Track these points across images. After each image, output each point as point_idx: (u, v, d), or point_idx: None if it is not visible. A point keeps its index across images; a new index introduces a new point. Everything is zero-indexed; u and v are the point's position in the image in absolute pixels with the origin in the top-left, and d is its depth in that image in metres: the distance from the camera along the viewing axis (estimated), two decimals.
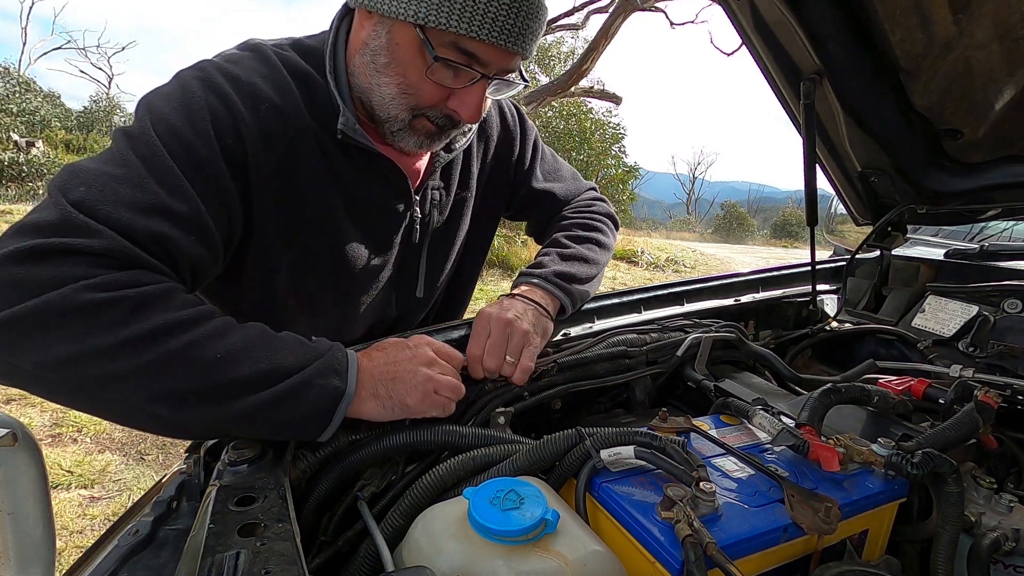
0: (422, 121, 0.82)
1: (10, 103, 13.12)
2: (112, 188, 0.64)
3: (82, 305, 0.56)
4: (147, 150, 0.67)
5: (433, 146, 0.88)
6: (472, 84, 0.78)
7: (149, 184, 0.65)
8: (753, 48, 1.14)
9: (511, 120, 1.12)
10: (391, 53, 0.77)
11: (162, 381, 0.58)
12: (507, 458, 0.68)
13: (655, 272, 10.04)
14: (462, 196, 1.06)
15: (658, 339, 1.01)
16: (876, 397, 0.82)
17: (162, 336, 0.58)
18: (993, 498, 0.72)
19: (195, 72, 0.75)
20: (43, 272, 0.57)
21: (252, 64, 0.79)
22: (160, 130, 0.69)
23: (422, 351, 0.75)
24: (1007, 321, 1.09)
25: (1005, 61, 0.94)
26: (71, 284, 0.56)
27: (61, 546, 2.12)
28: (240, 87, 0.75)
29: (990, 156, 1.17)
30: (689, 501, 0.57)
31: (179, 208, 0.67)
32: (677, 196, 47.49)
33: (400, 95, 0.79)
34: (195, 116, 0.71)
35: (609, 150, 12.49)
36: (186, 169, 0.68)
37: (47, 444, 2.82)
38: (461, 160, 1.03)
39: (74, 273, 0.57)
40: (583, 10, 10.11)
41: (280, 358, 0.64)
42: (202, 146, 0.70)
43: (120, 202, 0.63)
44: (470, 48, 0.74)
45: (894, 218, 1.34)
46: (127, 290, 0.59)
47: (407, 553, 0.58)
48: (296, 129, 0.80)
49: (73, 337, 0.56)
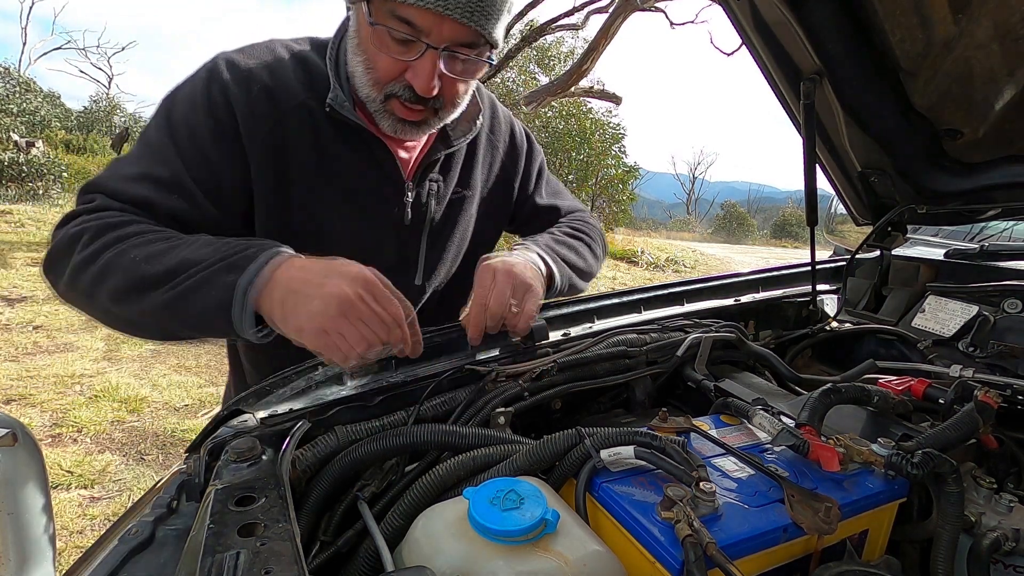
0: (393, 103, 0.87)
1: (10, 103, 13.12)
2: (116, 167, 0.85)
3: (68, 239, 0.77)
4: (154, 132, 0.86)
5: (413, 133, 0.91)
6: (420, 56, 0.81)
7: (144, 160, 0.84)
8: (753, 48, 1.14)
9: (519, 139, 1.18)
10: (358, 34, 0.85)
11: (107, 282, 0.73)
12: (507, 458, 0.68)
13: (655, 272, 10.05)
14: (462, 194, 1.09)
15: (658, 339, 1.01)
16: (876, 397, 0.82)
17: (107, 247, 0.74)
18: (993, 498, 0.72)
19: (207, 63, 0.90)
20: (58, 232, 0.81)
21: (256, 52, 0.91)
22: (171, 113, 0.86)
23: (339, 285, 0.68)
24: (1007, 321, 1.09)
25: (1005, 61, 0.94)
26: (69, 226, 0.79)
27: (61, 546, 2.12)
28: (236, 72, 0.87)
29: (990, 156, 1.17)
30: (689, 501, 0.57)
31: (162, 174, 0.83)
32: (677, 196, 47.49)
33: (365, 71, 0.86)
34: (197, 99, 0.85)
35: (609, 150, 12.49)
36: (180, 141, 0.84)
37: (47, 444, 2.82)
38: (463, 161, 1.07)
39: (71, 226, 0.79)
40: (583, 10, 10.10)
41: (192, 253, 0.72)
42: (197, 122, 0.84)
43: (118, 176, 0.83)
44: (405, 15, 0.77)
45: (894, 218, 1.34)
46: (93, 221, 0.77)
47: (407, 553, 0.58)
48: (287, 107, 0.89)
49: (66, 263, 0.77)
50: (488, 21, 0.80)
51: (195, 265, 0.70)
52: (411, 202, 1.00)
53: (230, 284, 0.69)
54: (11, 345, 3.97)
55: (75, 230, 0.77)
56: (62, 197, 9.81)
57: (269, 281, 0.70)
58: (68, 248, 0.76)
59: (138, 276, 0.71)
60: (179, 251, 0.73)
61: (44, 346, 4.04)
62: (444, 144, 1.01)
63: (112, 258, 0.73)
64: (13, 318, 4.48)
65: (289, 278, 0.70)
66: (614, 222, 12.85)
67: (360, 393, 0.79)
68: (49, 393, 3.34)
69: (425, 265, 1.08)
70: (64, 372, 3.63)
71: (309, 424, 0.73)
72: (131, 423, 3.12)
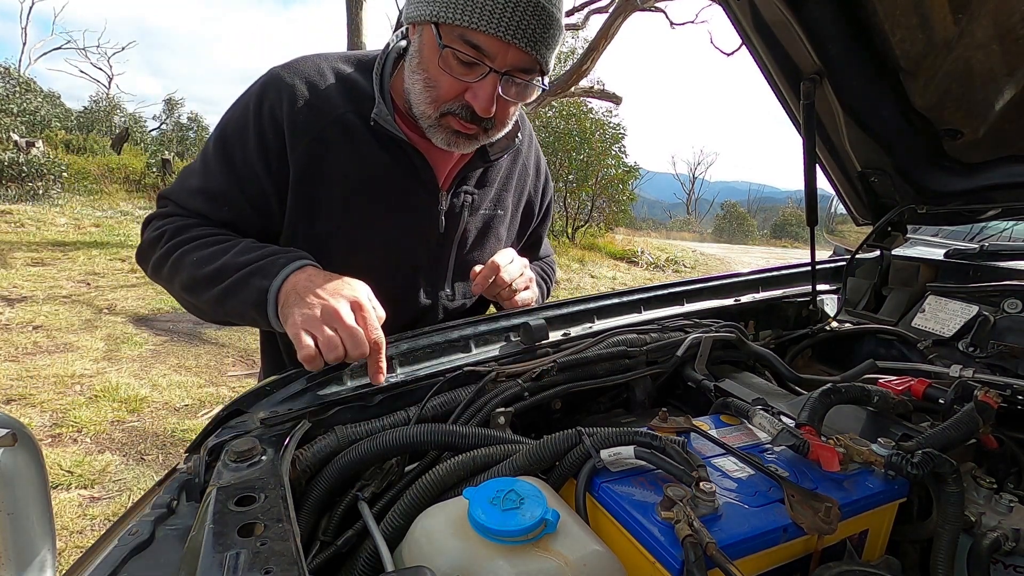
0: (449, 119, 0.91)
1: (10, 103, 13.12)
2: (183, 178, 1.01)
3: (150, 240, 0.98)
4: (210, 148, 0.98)
5: (464, 146, 0.96)
6: (483, 78, 0.86)
7: (199, 174, 0.98)
8: (753, 48, 1.14)
9: (543, 171, 1.27)
10: (420, 54, 0.90)
11: (178, 277, 0.92)
12: (507, 458, 0.68)
13: (655, 272, 10.05)
14: (494, 212, 1.15)
15: (658, 339, 1.01)
16: (876, 397, 0.82)
17: (175, 248, 0.93)
18: (993, 498, 0.72)
19: (261, 79, 0.99)
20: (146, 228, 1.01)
21: (302, 69, 0.98)
22: (223, 129, 0.97)
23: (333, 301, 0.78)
24: (1007, 321, 1.09)
25: (1005, 61, 0.94)
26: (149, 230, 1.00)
27: (61, 546, 2.12)
28: (284, 89, 0.95)
29: (990, 156, 1.17)
30: (689, 501, 0.57)
31: (213, 187, 0.96)
32: (677, 196, 47.48)
33: (425, 89, 0.90)
34: (248, 119, 0.95)
35: (609, 150, 12.47)
36: (231, 153, 0.96)
37: (47, 444, 2.82)
38: (498, 180, 1.13)
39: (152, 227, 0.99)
40: (583, 10, 10.10)
41: (233, 259, 0.87)
42: (246, 135, 0.95)
43: (182, 188, 1.00)
44: (474, 40, 0.83)
45: (894, 218, 1.34)
46: (167, 226, 0.97)
47: (407, 553, 0.58)
48: (327, 119, 0.96)
49: (151, 256, 0.97)
50: (547, 50, 0.87)
51: (234, 269, 0.86)
52: (444, 210, 1.06)
53: (262, 288, 0.83)
54: (11, 345, 3.97)
55: (156, 233, 0.96)
56: (62, 197, 9.81)
57: (284, 284, 0.83)
58: (152, 246, 0.96)
59: (196, 275, 0.89)
60: (224, 256, 0.88)
61: (44, 346, 4.04)
62: (482, 159, 1.06)
63: (178, 257, 0.91)
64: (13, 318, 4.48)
65: (296, 283, 0.83)
66: (614, 222, 12.84)
67: (360, 393, 0.80)
68: (49, 393, 3.34)
69: (454, 274, 1.12)
70: (64, 372, 3.63)
71: (309, 424, 0.73)
72: (131, 423, 3.12)
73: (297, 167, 0.95)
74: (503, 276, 1.01)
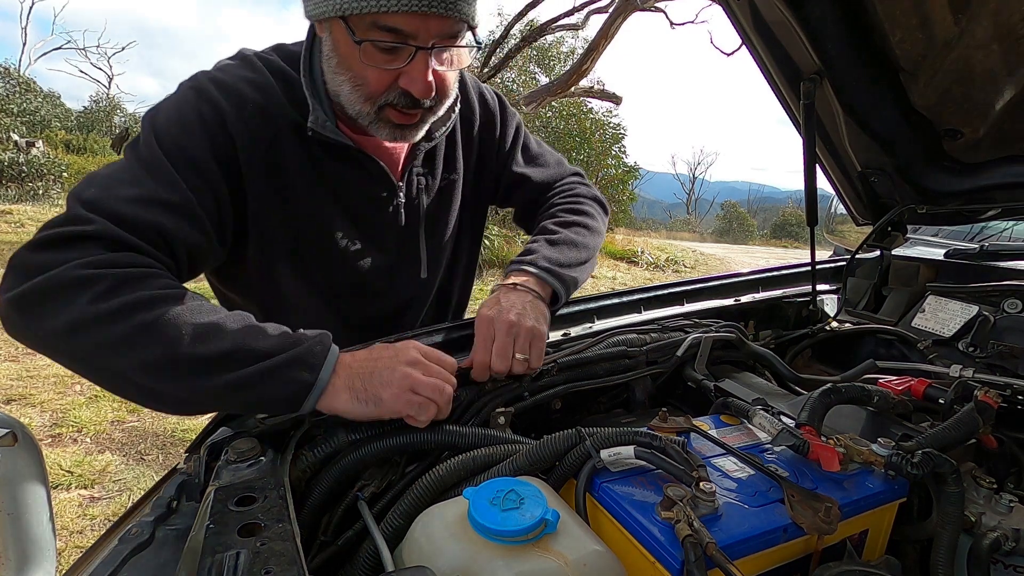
0: (388, 111, 0.85)
1: (10, 103, 13.13)
2: (116, 188, 0.74)
3: (73, 279, 0.65)
4: (147, 153, 0.78)
5: (411, 135, 0.90)
6: (411, 60, 0.79)
7: (146, 181, 0.76)
8: (753, 48, 1.14)
9: (492, 104, 1.14)
10: (336, 52, 0.82)
11: (139, 352, 0.64)
12: (507, 458, 0.68)
13: (655, 272, 10.04)
14: (450, 179, 1.08)
15: (658, 339, 1.01)
16: (876, 397, 0.82)
17: (137, 309, 0.65)
18: (993, 498, 0.72)
19: (190, 83, 0.85)
20: (48, 256, 0.67)
21: (238, 71, 0.87)
22: (159, 136, 0.79)
23: (406, 351, 0.75)
24: (1007, 321, 1.09)
25: (1005, 61, 0.94)
26: (67, 264, 0.66)
27: (61, 546, 2.12)
28: (227, 92, 0.84)
29: (990, 156, 1.17)
30: (689, 501, 0.57)
31: (172, 198, 0.76)
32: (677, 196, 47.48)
33: (354, 89, 0.83)
34: (187, 121, 0.81)
35: (609, 150, 12.49)
36: (179, 166, 0.78)
37: (47, 444, 2.82)
38: (444, 145, 1.06)
39: (71, 256, 0.67)
40: (583, 10, 10.10)
41: (251, 341, 0.68)
42: (193, 146, 0.80)
43: (120, 198, 0.73)
44: (390, 23, 0.75)
45: (894, 218, 1.34)
46: (113, 269, 0.67)
47: (407, 553, 0.58)
48: (279, 127, 0.87)
49: (67, 308, 0.65)
50: (468, 5, 0.78)
51: (258, 356, 0.67)
52: (404, 203, 1.01)
53: (305, 382, 0.68)
54: (11, 345, 3.97)
55: (84, 273, 0.66)
56: (62, 197, 9.81)
57: (334, 374, 0.71)
58: (72, 291, 0.65)
59: (185, 354, 0.65)
60: (229, 333, 0.68)
61: None
62: (426, 139, 0.99)
63: (148, 325, 0.65)
64: None
65: (354, 367, 0.72)
66: (614, 222, 12.84)
67: None
68: (49, 393, 3.34)
69: (428, 258, 1.09)
70: (64, 372, 3.62)
71: (309, 424, 0.73)
72: (131, 423, 3.12)
73: (253, 178, 0.85)
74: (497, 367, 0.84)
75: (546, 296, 0.96)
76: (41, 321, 0.65)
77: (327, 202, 0.93)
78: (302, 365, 0.69)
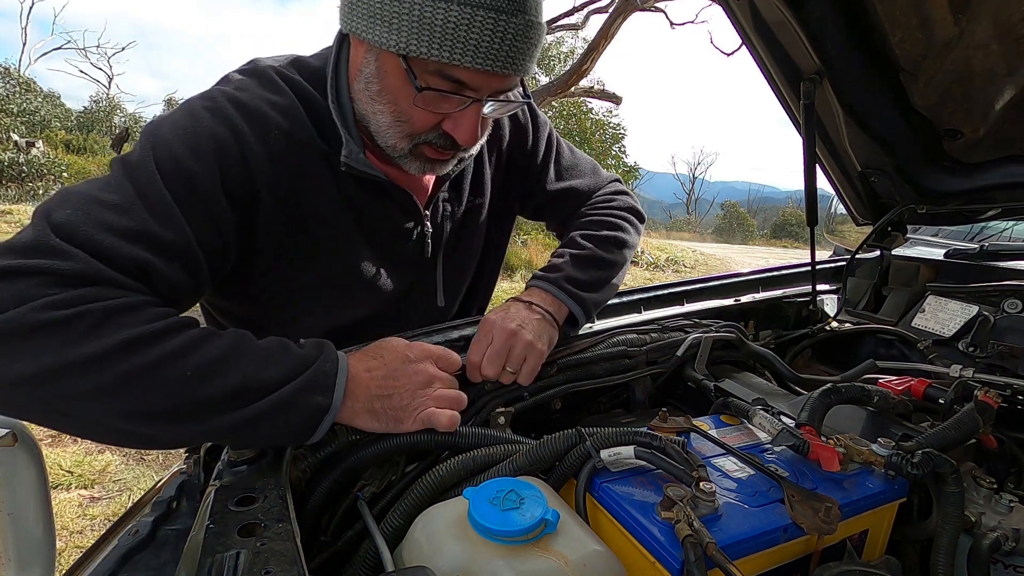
0: (423, 148, 0.81)
1: (10, 103, 13.13)
2: (98, 212, 0.62)
3: (40, 324, 0.54)
4: (143, 176, 0.67)
5: (441, 170, 0.87)
6: (464, 108, 0.75)
7: (138, 210, 0.64)
8: (753, 48, 1.14)
9: (522, 116, 1.07)
10: (381, 81, 0.76)
11: (129, 400, 0.56)
12: (507, 458, 0.68)
13: (655, 272, 10.05)
14: (476, 203, 1.03)
15: (658, 339, 1.01)
16: (876, 397, 0.82)
17: (126, 352, 0.56)
18: (993, 498, 0.72)
19: (204, 101, 0.75)
20: (5, 291, 0.55)
21: (260, 91, 0.78)
22: (160, 157, 0.68)
23: (422, 368, 0.74)
24: (1007, 321, 1.09)
25: (1005, 61, 0.94)
26: (30, 303, 0.55)
27: (61, 546, 2.12)
28: (250, 115, 0.75)
29: (990, 156, 1.17)
30: (689, 501, 0.57)
31: (165, 235, 0.65)
32: (677, 196, 47.45)
33: (394, 123, 0.78)
34: (200, 145, 0.70)
35: (609, 150, 12.50)
36: (180, 197, 0.67)
37: (47, 444, 2.81)
38: (472, 167, 1.01)
39: (36, 292, 0.56)
40: (583, 10, 10.11)
41: (258, 372, 0.62)
42: (202, 174, 0.70)
43: (104, 226, 0.62)
44: (456, 75, 0.71)
45: (894, 218, 1.34)
46: (90, 304, 0.57)
47: (407, 553, 0.58)
48: (305, 156, 0.80)
49: (29, 357, 0.54)
50: (527, 63, 0.75)
51: (269, 387, 0.62)
52: (431, 232, 0.97)
53: (320, 407, 0.64)
54: None
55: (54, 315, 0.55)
56: None
57: (348, 394, 0.68)
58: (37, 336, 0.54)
59: (189, 398, 0.58)
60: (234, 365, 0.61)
61: None
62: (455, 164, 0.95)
63: (140, 370, 0.56)
64: None
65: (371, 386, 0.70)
66: None
67: None
68: None
69: (445, 285, 1.05)
70: None
71: None
72: None
73: (270, 209, 0.77)
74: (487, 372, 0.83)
75: (560, 317, 0.93)
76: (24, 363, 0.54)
77: (352, 232, 0.88)
78: (315, 389, 0.64)
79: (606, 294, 1.01)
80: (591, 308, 0.97)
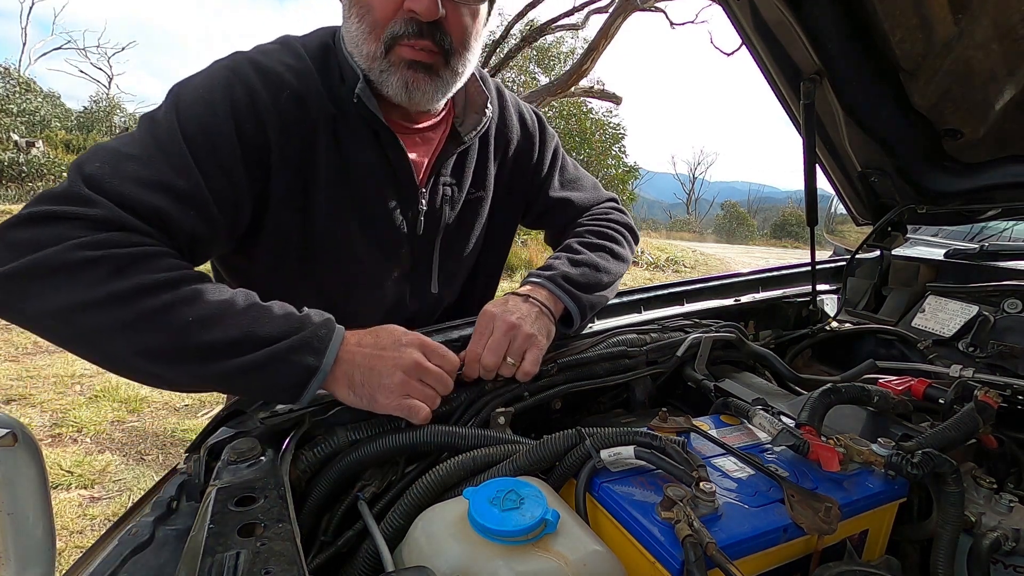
0: (400, 50, 0.81)
1: (10, 103, 13.12)
2: (123, 165, 0.71)
3: (73, 261, 0.63)
4: (164, 132, 0.75)
5: (425, 85, 0.84)
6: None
7: (158, 163, 0.72)
8: (753, 48, 1.14)
9: (531, 126, 1.11)
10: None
11: (141, 337, 0.64)
12: (507, 458, 0.68)
13: (655, 272, 10.05)
14: (477, 195, 1.05)
15: (658, 339, 1.01)
16: (876, 397, 0.82)
17: (141, 294, 0.64)
18: (993, 498, 0.72)
19: (226, 62, 0.82)
20: (43, 233, 0.64)
21: (279, 55, 0.84)
22: (181, 114, 0.76)
23: (409, 353, 0.74)
24: (1007, 321, 1.09)
25: (1005, 61, 0.94)
26: (65, 243, 0.63)
27: (61, 546, 2.12)
28: (265, 76, 0.81)
29: (990, 156, 1.17)
30: (689, 501, 0.57)
31: (181, 185, 0.73)
32: (677, 196, 47.46)
33: (360, 21, 0.81)
34: (217, 102, 0.77)
35: (609, 150, 12.50)
36: (197, 150, 0.74)
37: (47, 444, 2.82)
38: (476, 159, 1.03)
39: (69, 234, 0.64)
40: (583, 10, 10.10)
41: (257, 327, 0.68)
42: (218, 130, 0.76)
43: (127, 177, 0.70)
44: None
45: (894, 218, 1.34)
46: (114, 249, 0.65)
47: (407, 553, 0.58)
48: (315, 117, 0.84)
49: (64, 290, 0.62)
50: None
51: (265, 342, 0.67)
52: (425, 210, 0.98)
53: (310, 367, 0.68)
54: (11, 345, 3.98)
55: (83, 255, 0.63)
56: None
57: (337, 361, 0.71)
58: (70, 273, 0.63)
59: (192, 342, 0.64)
60: (236, 318, 0.67)
61: (44, 346, 4.04)
62: (455, 142, 0.98)
63: (152, 312, 0.63)
64: None
65: (357, 357, 0.72)
66: None
67: None
68: (49, 393, 3.34)
69: (440, 272, 1.05)
70: (64, 372, 3.63)
71: (309, 424, 0.73)
72: (131, 423, 3.12)
73: (280, 167, 0.82)
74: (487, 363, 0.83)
75: (556, 313, 0.94)
76: (34, 301, 0.63)
77: (347, 195, 0.90)
78: (307, 349, 0.69)
79: (600, 298, 1.02)
80: (586, 308, 0.98)
